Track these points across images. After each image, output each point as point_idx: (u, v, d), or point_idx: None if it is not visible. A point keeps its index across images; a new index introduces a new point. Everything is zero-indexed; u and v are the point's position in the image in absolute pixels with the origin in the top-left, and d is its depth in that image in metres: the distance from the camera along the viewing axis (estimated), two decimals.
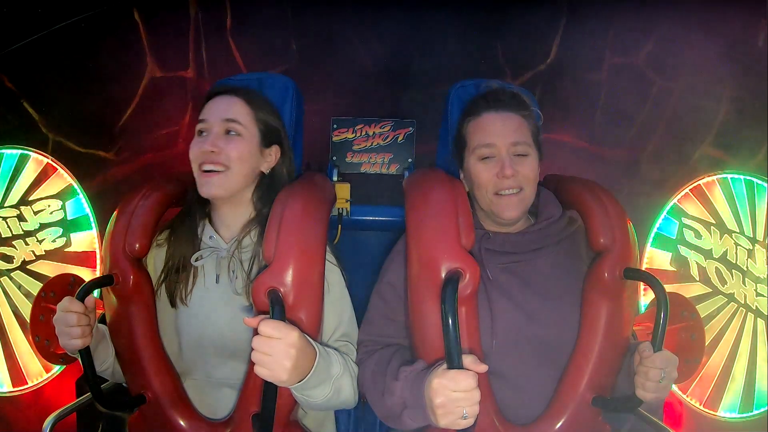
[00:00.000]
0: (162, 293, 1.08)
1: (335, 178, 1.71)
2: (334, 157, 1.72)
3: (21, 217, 1.84)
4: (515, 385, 1.01)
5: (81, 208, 1.86)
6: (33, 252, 1.85)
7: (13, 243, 1.84)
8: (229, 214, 1.10)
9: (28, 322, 1.59)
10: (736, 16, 1.78)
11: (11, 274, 1.84)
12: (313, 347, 0.90)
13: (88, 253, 1.87)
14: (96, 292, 1.02)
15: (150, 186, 1.11)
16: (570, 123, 1.96)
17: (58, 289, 1.50)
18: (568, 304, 1.04)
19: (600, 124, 1.97)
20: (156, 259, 1.11)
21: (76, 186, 1.86)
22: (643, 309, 1.71)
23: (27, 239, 1.85)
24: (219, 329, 1.04)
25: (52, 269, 1.84)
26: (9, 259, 1.84)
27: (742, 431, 1.78)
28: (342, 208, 1.57)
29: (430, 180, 1.05)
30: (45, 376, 1.84)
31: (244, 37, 1.98)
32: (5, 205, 1.84)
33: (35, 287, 1.79)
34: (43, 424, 1.02)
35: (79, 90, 1.92)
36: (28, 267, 1.85)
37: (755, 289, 1.77)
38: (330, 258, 1.05)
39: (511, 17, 1.90)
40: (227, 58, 1.98)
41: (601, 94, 1.96)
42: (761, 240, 1.77)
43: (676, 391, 1.81)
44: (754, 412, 1.79)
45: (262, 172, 1.11)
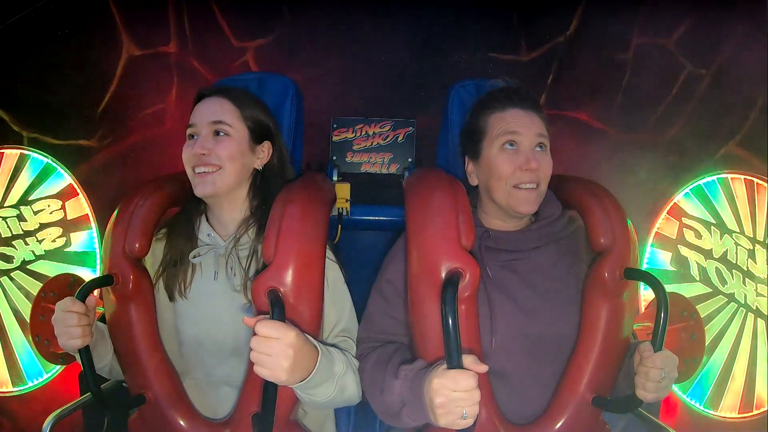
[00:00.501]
0: (160, 287, 1.08)
1: (335, 178, 1.71)
2: (334, 157, 1.72)
3: (21, 217, 1.84)
4: (515, 384, 1.01)
5: (81, 208, 1.86)
6: (33, 252, 1.85)
7: (13, 243, 1.84)
8: (225, 212, 1.11)
9: (28, 322, 1.59)
10: None
11: (11, 274, 1.84)
12: (315, 346, 0.91)
13: (89, 253, 1.87)
14: (96, 292, 1.02)
15: (149, 186, 1.11)
16: (586, 101, 1.84)
17: (58, 289, 1.50)
18: (567, 303, 1.04)
19: (619, 106, 1.84)
20: (155, 253, 1.11)
21: (75, 186, 1.86)
22: (643, 309, 1.71)
23: (27, 239, 1.85)
24: (217, 326, 1.05)
25: (52, 269, 1.84)
26: (9, 259, 1.84)
27: (742, 431, 1.78)
28: (342, 208, 1.57)
29: (430, 180, 1.05)
30: (45, 376, 1.84)
31: (230, 4, 1.88)
32: (5, 205, 1.84)
33: (35, 287, 1.79)
34: (43, 423, 1.02)
35: (49, 81, 1.82)
36: (28, 267, 1.85)
37: (755, 289, 1.77)
38: (329, 255, 1.05)
39: None
40: (213, 28, 1.87)
41: (624, 74, 1.82)
42: (761, 240, 1.77)
43: (676, 391, 1.81)
44: (754, 412, 1.79)
45: (255, 169, 1.12)
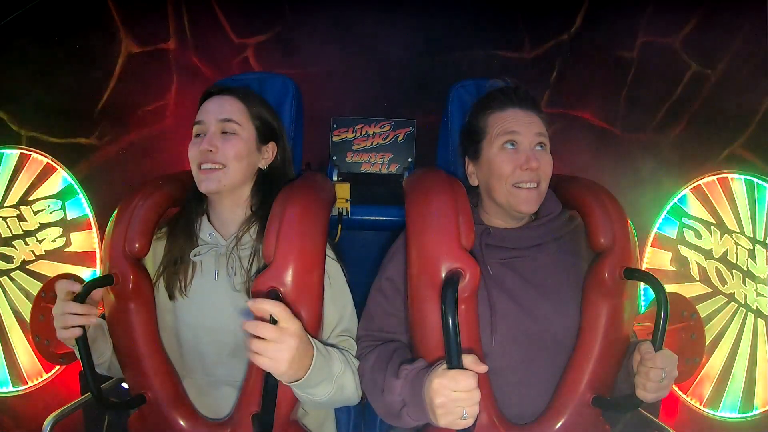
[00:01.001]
0: (161, 286, 1.08)
1: (335, 178, 1.71)
2: (334, 157, 1.72)
3: (21, 217, 1.84)
4: (515, 383, 1.01)
5: (81, 208, 1.86)
6: (33, 252, 1.85)
7: (13, 243, 1.84)
8: (227, 211, 1.10)
9: (28, 322, 1.60)
10: None
11: (11, 274, 1.84)
12: (311, 345, 0.91)
13: (89, 253, 1.87)
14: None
15: (150, 186, 1.11)
16: (590, 100, 1.84)
17: None
18: (567, 301, 1.04)
19: (623, 105, 1.84)
20: (155, 253, 1.11)
21: (75, 186, 1.86)
22: (643, 309, 1.71)
23: (27, 239, 1.85)
24: (217, 325, 1.05)
25: (52, 269, 1.84)
26: (9, 259, 1.84)
27: (742, 431, 1.78)
28: (342, 208, 1.57)
29: (430, 180, 1.05)
30: (45, 376, 1.84)
31: (231, 0, 1.88)
32: (5, 205, 1.84)
33: (35, 287, 1.79)
34: (44, 423, 1.02)
35: (47, 79, 1.82)
36: (28, 267, 1.85)
37: (755, 289, 1.77)
38: (330, 254, 1.05)
39: None
40: (213, 25, 1.88)
41: (629, 73, 1.82)
42: (761, 240, 1.77)
43: (676, 390, 1.81)
44: (754, 412, 1.79)
45: (259, 169, 1.12)
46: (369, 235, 1.65)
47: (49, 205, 1.85)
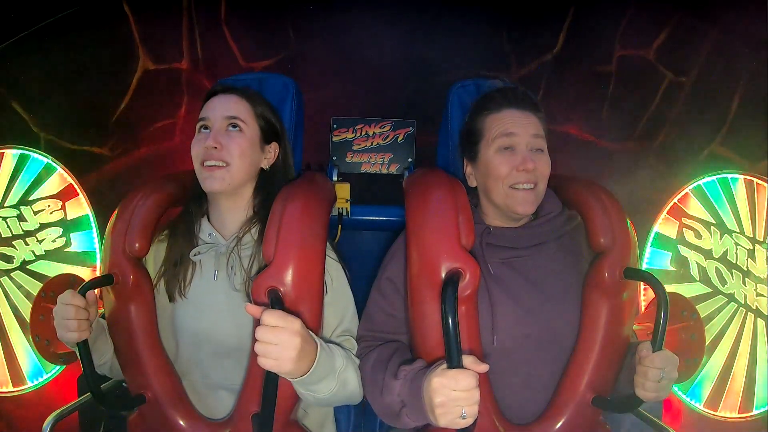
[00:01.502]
0: (161, 287, 1.08)
1: (335, 178, 1.71)
2: (334, 157, 1.72)
3: (21, 217, 1.84)
4: (515, 383, 1.01)
5: (81, 207, 1.86)
6: (33, 252, 1.85)
7: (13, 243, 1.84)
8: (228, 211, 1.10)
9: (28, 322, 1.60)
10: (755, 12, 1.67)
11: (11, 274, 1.85)
12: (314, 341, 0.91)
13: (89, 253, 1.87)
14: (96, 292, 1.02)
15: (150, 186, 1.11)
16: (576, 115, 1.92)
17: (58, 289, 1.50)
18: (567, 300, 1.04)
19: (606, 117, 1.92)
20: (156, 255, 1.11)
21: (76, 186, 1.86)
22: (643, 309, 1.71)
23: (27, 239, 1.85)
24: (216, 325, 1.04)
25: (52, 269, 1.84)
26: (9, 259, 1.84)
27: (742, 431, 1.78)
28: (342, 208, 1.57)
29: (430, 180, 1.05)
30: (45, 376, 1.84)
31: (240, 26, 1.95)
32: (5, 205, 1.84)
33: (35, 287, 1.79)
34: (43, 423, 1.02)
35: (69, 87, 1.88)
36: (28, 267, 1.85)
37: (755, 289, 1.77)
38: (331, 254, 1.05)
39: (518, 4, 1.86)
40: (223, 48, 1.95)
41: (609, 86, 1.91)
42: (761, 240, 1.77)
43: (676, 391, 1.81)
44: (754, 412, 1.79)
45: (261, 169, 1.12)
46: (369, 235, 1.66)
47: (49, 205, 1.85)
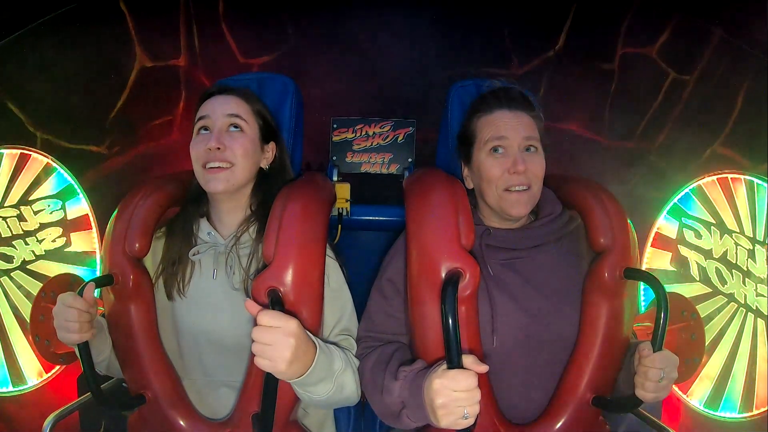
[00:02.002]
0: (160, 286, 1.08)
1: (335, 178, 1.71)
2: (334, 157, 1.72)
3: (21, 217, 1.84)
4: (515, 383, 1.02)
5: (81, 207, 1.86)
6: (33, 252, 1.85)
7: (13, 243, 1.84)
8: (227, 211, 1.10)
9: (28, 322, 1.59)
10: (761, 13, 1.65)
11: (11, 274, 1.84)
12: (313, 342, 0.91)
13: (89, 253, 1.87)
14: (96, 292, 1.02)
15: (150, 186, 1.11)
16: (577, 112, 1.91)
17: (58, 289, 1.50)
18: (568, 301, 1.04)
19: (608, 115, 1.91)
20: (154, 252, 1.11)
21: (75, 186, 1.86)
22: (643, 309, 1.71)
23: (27, 239, 1.85)
24: (216, 324, 1.04)
25: (52, 269, 1.84)
26: (9, 259, 1.84)
27: (742, 431, 1.78)
28: (342, 208, 1.57)
29: (430, 180, 1.06)
30: (45, 376, 1.84)
31: (238, 23, 1.94)
32: (5, 205, 1.84)
33: (35, 287, 1.79)
34: (44, 423, 1.02)
35: (66, 85, 1.87)
36: (28, 267, 1.85)
37: (755, 289, 1.77)
38: (329, 253, 1.05)
39: (519, 1, 1.85)
40: (221, 45, 1.94)
41: (611, 84, 1.89)
42: (761, 240, 1.77)
43: (676, 391, 1.81)
44: (754, 412, 1.78)
45: (260, 169, 1.12)
46: (369, 235, 1.66)
47: (49, 205, 1.85)
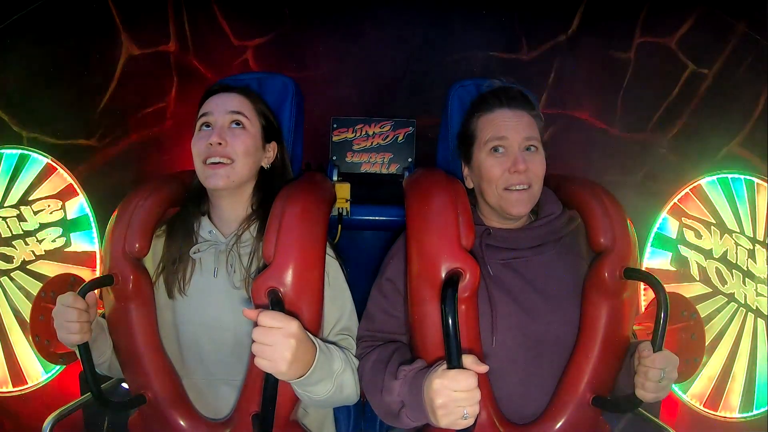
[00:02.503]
0: (160, 285, 1.08)
1: (335, 178, 1.71)
2: (334, 157, 1.72)
3: (21, 217, 1.84)
4: (515, 383, 1.01)
5: (81, 207, 1.86)
6: (33, 252, 1.85)
7: (13, 243, 1.84)
8: (228, 209, 1.10)
9: (28, 322, 1.59)
10: None
11: (11, 274, 1.84)
12: (313, 343, 0.91)
13: (89, 253, 1.87)
14: (96, 293, 1.02)
15: (149, 186, 1.11)
16: (587, 100, 1.85)
17: (58, 289, 1.49)
18: (568, 302, 1.04)
19: (621, 104, 1.85)
20: (154, 251, 1.10)
21: (76, 186, 1.86)
22: (643, 309, 1.71)
23: (27, 239, 1.85)
24: (216, 323, 1.04)
25: (52, 269, 1.84)
26: (9, 259, 1.84)
27: (742, 431, 1.78)
28: (342, 208, 1.57)
29: (430, 180, 1.06)
30: (45, 376, 1.84)
31: (230, 2, 1.89)
32: (5, 205, 1.84)
33: (35, 287, 1.79)
34: (44, 423, 1.02)
35: (49, 81, 1.83)
36: (28, 267, 1.85)
37: (755, 289, 1.77)
38: (330, 252, 1.05)
39: None
40: (212, 27, 1.89)
41: (626, 73, 1.83)
42: (761, 240, 1.77)
43: (676, 391, 1.81)
44: (754, 412, 1.79)
45: (262, 168, 1.12)
46: (369, 235, 1.65)
47: (49, 205, 1.85)
